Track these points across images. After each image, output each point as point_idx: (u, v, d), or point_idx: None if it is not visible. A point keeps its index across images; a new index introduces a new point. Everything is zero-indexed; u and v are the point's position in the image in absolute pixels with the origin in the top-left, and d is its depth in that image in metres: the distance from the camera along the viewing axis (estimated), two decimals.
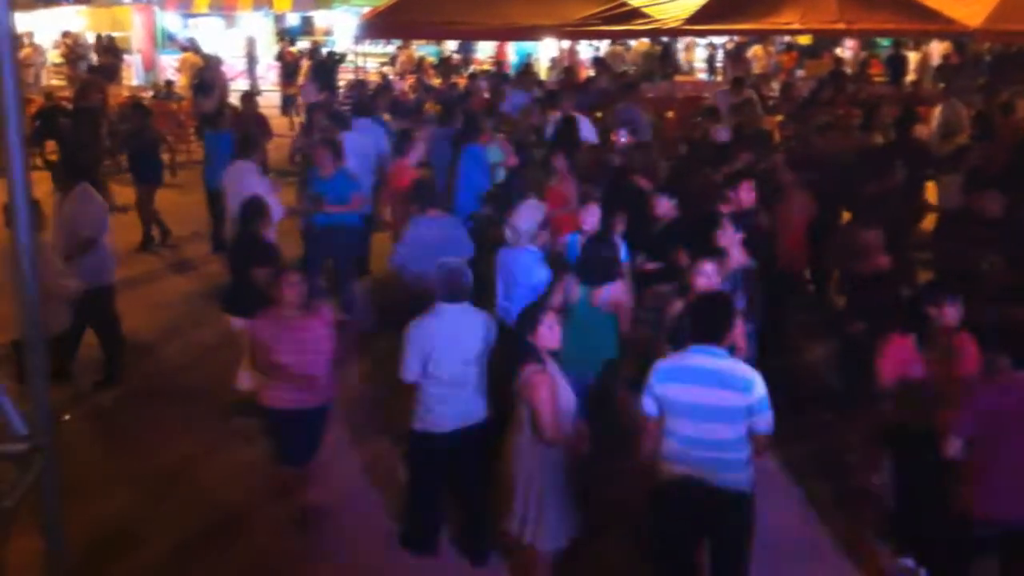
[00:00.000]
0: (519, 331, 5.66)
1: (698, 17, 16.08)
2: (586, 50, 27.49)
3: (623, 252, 7.64)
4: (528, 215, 7.66)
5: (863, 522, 6.66)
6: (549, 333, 5.57)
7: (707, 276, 6.47)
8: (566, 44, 23.05)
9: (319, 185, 9.95)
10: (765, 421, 5.10)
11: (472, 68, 24.94)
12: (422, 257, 7.64)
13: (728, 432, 5.10)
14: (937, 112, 14.40)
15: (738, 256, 7.11)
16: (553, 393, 5.41)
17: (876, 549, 6.40)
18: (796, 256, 9.14)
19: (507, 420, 5.74)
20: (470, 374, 6.04)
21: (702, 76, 27.99)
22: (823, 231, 9.19)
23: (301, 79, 21.68)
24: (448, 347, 5.98)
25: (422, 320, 6.06)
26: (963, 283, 6.37)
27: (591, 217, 7.85)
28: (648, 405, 5.28)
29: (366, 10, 20.32)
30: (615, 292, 6.89)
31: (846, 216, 9.65)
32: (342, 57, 22.77)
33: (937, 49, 24.26)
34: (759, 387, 5.08)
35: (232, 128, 12.82)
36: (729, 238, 7.13)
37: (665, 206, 8.27)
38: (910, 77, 22.48)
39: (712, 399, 5.08)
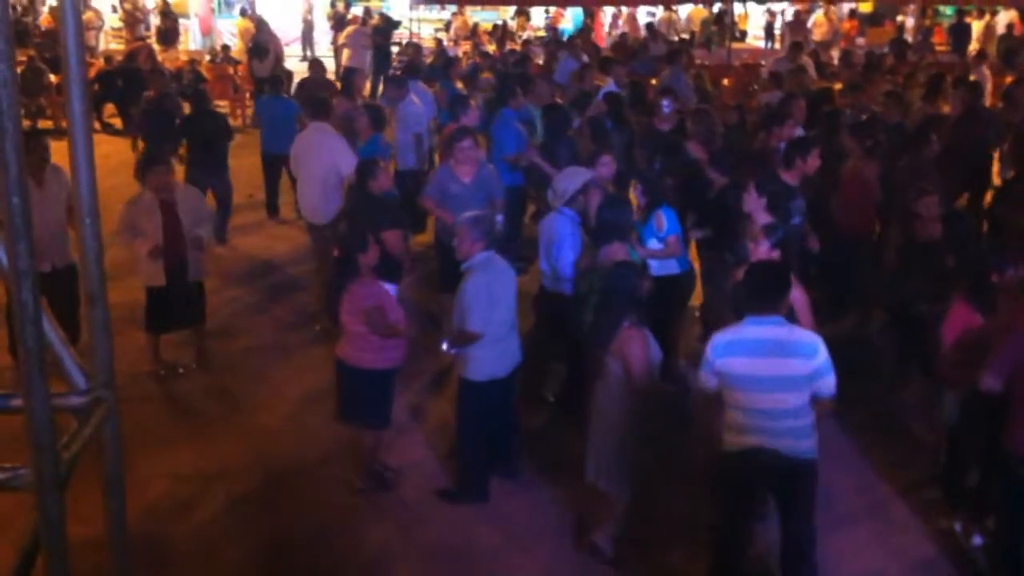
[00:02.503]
0: (614, 288, 5.86)
1: None
2: (644, 17, 27.25)
3: (667, 221, 7.66)
4: (569, 178, 7.67)
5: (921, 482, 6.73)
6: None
7: (760, 246, 6.40)
8: (624, 10, 22.86)
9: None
10: (828, 385, 5.10)
11: (527, 34, 24.78)
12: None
13: (794, 400, 5.08)
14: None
15: (764, 219, 7.02)
16: (646, 348, 5.64)
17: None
18: (859, 222, 9.00)
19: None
20: (514, 319, 6.53)
21: (759, 43, 27.61)
22: (886, 198, 9.04)
23: (341, 39, 21.54)
24: (504, 294, 6.40)
25: (477, 274, 6.29)
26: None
27: (604, 168, 8.08)
28: (708, 380, 5.29)
29: None
30: (611, 253, 6.76)
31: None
32: (397, 23, 22.69)
33: (1003, 18, 23.67)
34: (822, 351, 5.07)
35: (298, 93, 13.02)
36: (754, 203, 7.07)
37: (714, 175, 8.26)
38: (973, 46, 21.98)
39: (776, 369, 5.05)
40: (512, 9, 27.19)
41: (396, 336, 6.45)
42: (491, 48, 20.59)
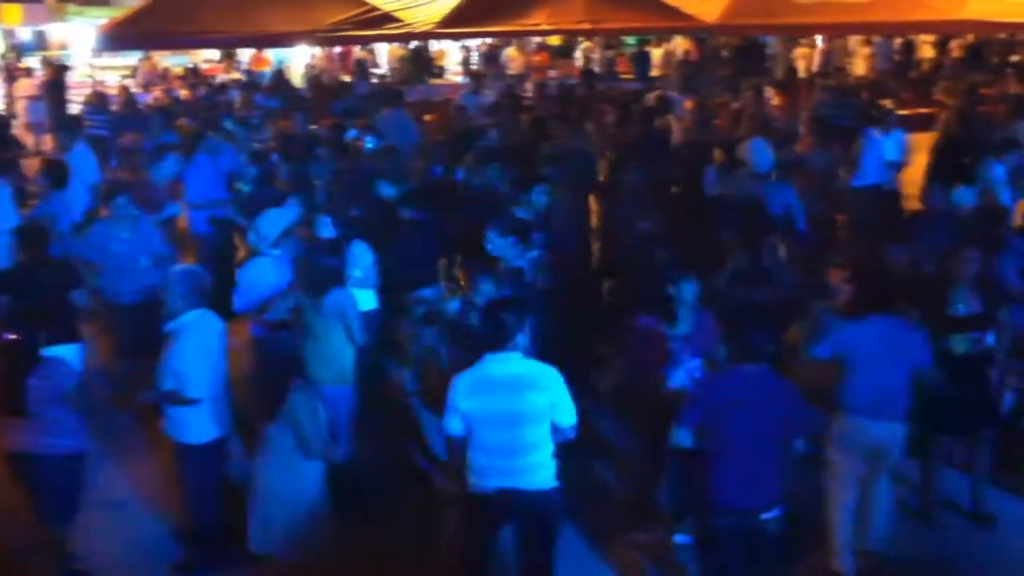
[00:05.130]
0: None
1: (450, 20, 16.21)
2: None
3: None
4: (272, 221, 7.50)
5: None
6: None
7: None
8: (319, 51, 22.71)
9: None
10: (567, 415, 5.18)
11: (223, 78, 24.07)
12: None
13: (533, 434, 5.13)
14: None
15: (515, 259, 7.13)
16: (316, 412, 5.58)
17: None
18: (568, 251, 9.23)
19: None
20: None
21: (458, 79, 28.14)
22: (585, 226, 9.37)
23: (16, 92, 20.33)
24: (220, 351, 6.14)
25: (190, 335, 5.94)
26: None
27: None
28: (453, 424, 5.19)
29: (104, 21, 19.24)
30: (338, 301, 6.71)
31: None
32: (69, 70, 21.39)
33: (681, 45, 25.32)
34: (558, 382, 5.15)
35: None
36: (500, 245, 7.17)
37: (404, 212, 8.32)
38: (655, 72, 23.40)
39: (518, 404, 5.08)
40: (205, 53, 26.35)
41: (95, 411, 6.04)
42: (184, 93, 19.88)
